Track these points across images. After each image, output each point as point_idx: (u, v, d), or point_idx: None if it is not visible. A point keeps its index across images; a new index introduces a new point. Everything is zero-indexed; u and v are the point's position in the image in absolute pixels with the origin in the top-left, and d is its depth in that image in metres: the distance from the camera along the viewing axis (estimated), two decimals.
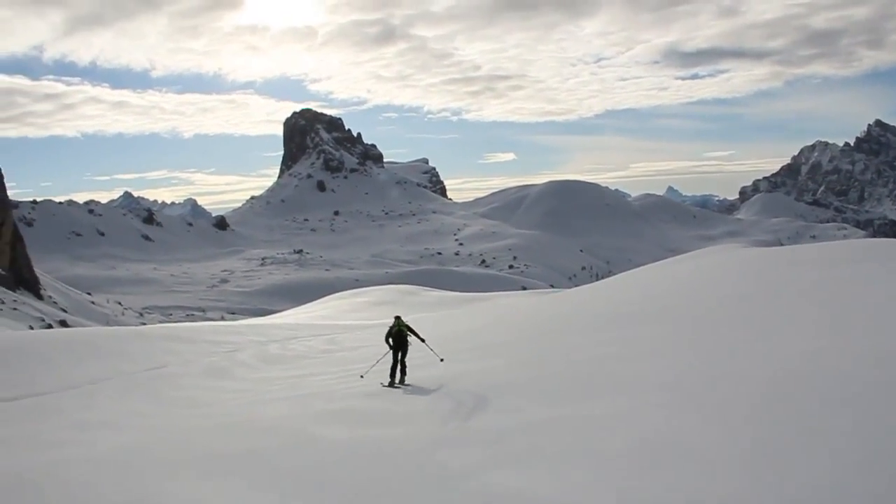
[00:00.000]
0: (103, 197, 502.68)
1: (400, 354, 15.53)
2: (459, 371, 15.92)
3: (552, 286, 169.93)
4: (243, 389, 20.39)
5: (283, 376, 22.69)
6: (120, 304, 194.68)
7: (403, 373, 15.51)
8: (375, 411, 12.89)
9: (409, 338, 15.71)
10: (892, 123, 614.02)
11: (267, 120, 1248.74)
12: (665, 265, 47.46)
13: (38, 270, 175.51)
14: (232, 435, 12.53)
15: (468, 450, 8.74)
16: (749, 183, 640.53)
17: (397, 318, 16.17)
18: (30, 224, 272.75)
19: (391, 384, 15.39)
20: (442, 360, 16.58)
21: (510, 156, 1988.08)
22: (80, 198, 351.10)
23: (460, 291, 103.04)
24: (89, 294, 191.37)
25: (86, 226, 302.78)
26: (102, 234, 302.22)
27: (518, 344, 20.68)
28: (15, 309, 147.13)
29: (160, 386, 22.05)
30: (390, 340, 15.66)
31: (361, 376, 17.32)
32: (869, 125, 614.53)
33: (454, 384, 14.14)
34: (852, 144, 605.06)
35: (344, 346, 32.25)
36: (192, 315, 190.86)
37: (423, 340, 16.07)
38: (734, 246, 50.92)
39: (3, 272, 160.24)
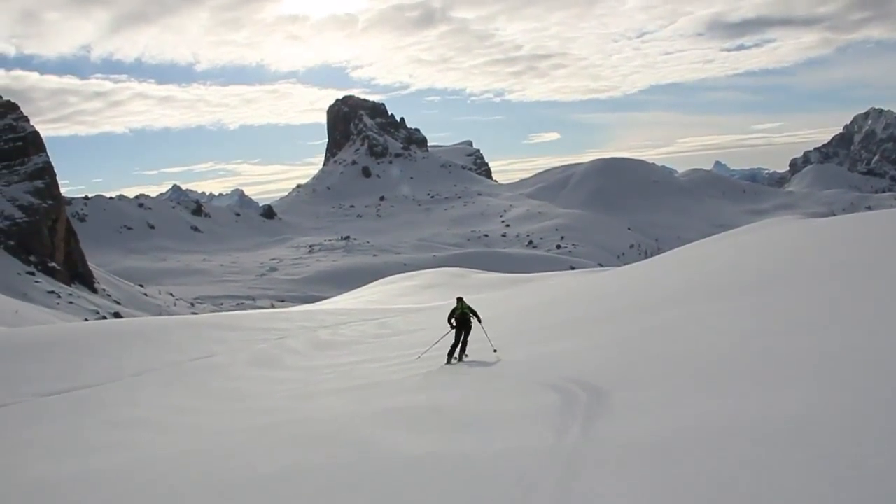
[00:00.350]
0: (152, 191, 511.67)
1: (463, 335, 15.61)
2: (539, 353, 14.09)
3: (601, 265, 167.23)
4: (293, 379, 19.10)
5: (334, 363, 21.41)
6: (171, 295, 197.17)
7: (463, 350, 15.62)
8: (452, 409, 9.84)
9: (471, 319, 15.72)
10: None
11: (310, 108, 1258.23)
12: (719, 239, 45.35)
13: (91, 265, 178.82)
14: (279, 442, 10.23)
15: (613, 473, 5.70)
16: (800, 154, 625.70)
17: (460, 299, 16.02)
18: (82, 220, 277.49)
19: (448, 362, 15.47)
20: (495, 350, 15.40)
21: (555, 135, 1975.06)
22: (131, 192, 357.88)
23: (508, 273, 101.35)
24: (141, 286, 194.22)
25: (136, 219, 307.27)
26: (153, 227, 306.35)
27: (595, 323, 17.48)
28: (71, 303, 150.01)
29: (207, 377, 21.14)
30: (453, 321, 15.70)
31: (419, 357, 17.58)
32: None
33: (541, 371, 11.44)
34: None
35: (398, 330, 30.95)
36: (242, 304, 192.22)
37: (483, 327, 16.26)
38: (789, 218, 48.28)
39: (59, 267, 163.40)
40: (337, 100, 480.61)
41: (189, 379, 20.72)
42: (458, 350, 15.52)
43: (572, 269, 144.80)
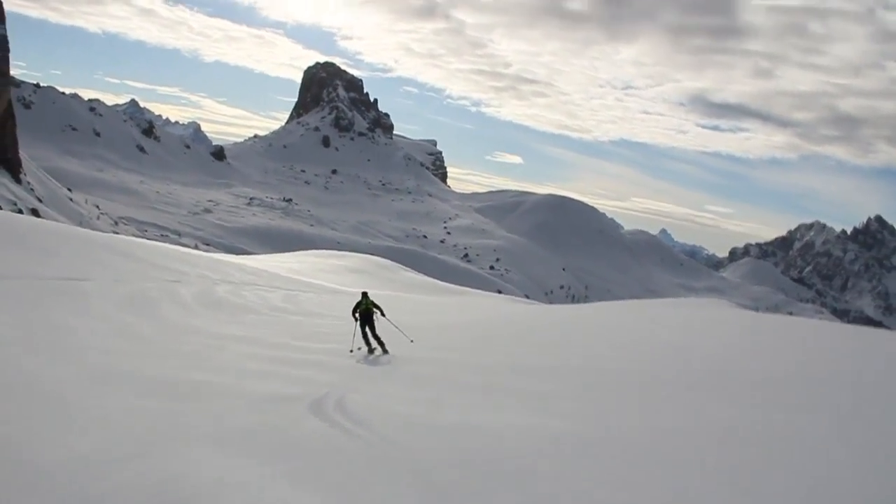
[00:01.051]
0: (110, 99, 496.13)
1: (368, 329, 16.03)
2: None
3: (527, 296, 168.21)
4: (146, 339, 15.76)
5: (208, 331, 18.28)
6: (98, 207, 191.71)
7: (383, 346, 15.89)
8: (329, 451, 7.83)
9: (375, 315, 16.17)
10: (891, 223, 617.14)
11: (289, 64, 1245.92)
12: (652, 306, 45.44)
13: (23, 154, 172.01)
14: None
15: None
16: (741, 245, 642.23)
17: (364, 293, 16.68)
18: (27, 106, 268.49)
19: (370, 350, 15.88)
20: (412, 340, 16.65)
21: (517, 159, 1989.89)
22: (87, 94, 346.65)
23: (437, 279, 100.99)
24: (69, 190, 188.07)
25: (84, 122, 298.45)
26: (98, 135, 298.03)
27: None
28: None
29: (52, 306, 17.50)
30: (356, 315, 16.13)
31: (351, 351, 16.17)
32: (869, 218, 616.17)
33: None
34: (849, 233, 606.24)
35: (303, 308, 28.49)
36: (167, 237, 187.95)
37: (389, 320, 16.85)
38: (724, 302, 48.69)
39: None
40: (317, 63, 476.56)
41: (31, 303, 17.27)
42: (371, 339, 16.05)
43: (500, 292, 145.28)
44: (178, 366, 12.79)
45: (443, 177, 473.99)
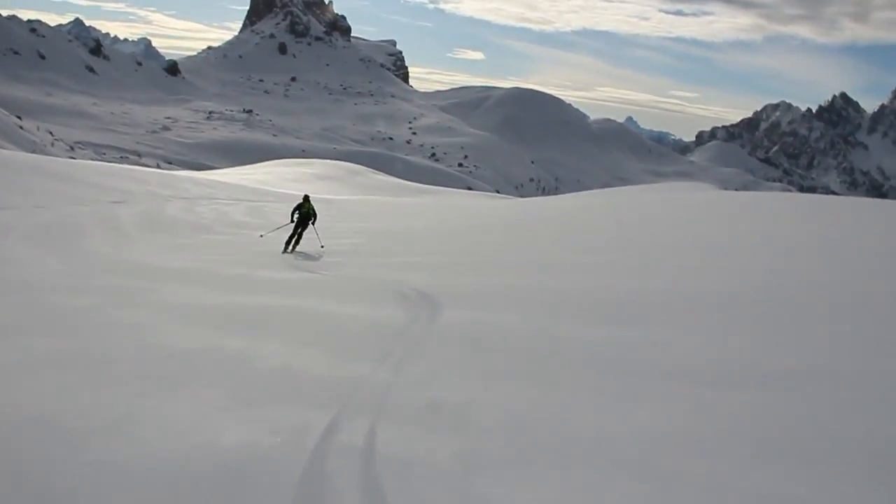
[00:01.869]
0: (52, 20, 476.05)
1: (301, 230, 16.93)
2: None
3: (497, 191, 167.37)
4: (34, 285, 11.83)
5: (130, 266, 14.22)
6: (51, 133, 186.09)
7: (297, 243, 16.82)
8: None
9: (311, 219, 17.06)
10: (855, 99, 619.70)
11: None
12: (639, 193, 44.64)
13: None
14: None
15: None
16: (708, 129, 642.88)
17: (306, 197, 17.54)
18: None
19: (285, 251, 16.55)
20: (322, 246, 17.18)
21: (479, 55, 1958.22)
22: (26, 16, 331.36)
23: (405, 180, 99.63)
24: (19, 118, 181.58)
25: (25, 45, 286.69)
26: (43, 58, 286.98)
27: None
28: None
29: None
30: (295, 216, 16.95)
31: (261, 236, 18.37)
32: (834, 96, 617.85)
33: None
34: (814, 111, 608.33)
35: (268, 221, 24.65)
36: (126, 158, 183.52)
37: (314, 226, 17.55)
38: (703, 185, 48.08)
39: None
40: None
41: None
42: (293, 242, 16.79)
43: (469, 188, 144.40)
44: (43, 336, 7.99)
45: (404, 77, 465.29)
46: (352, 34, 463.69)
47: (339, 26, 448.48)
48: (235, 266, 14.03)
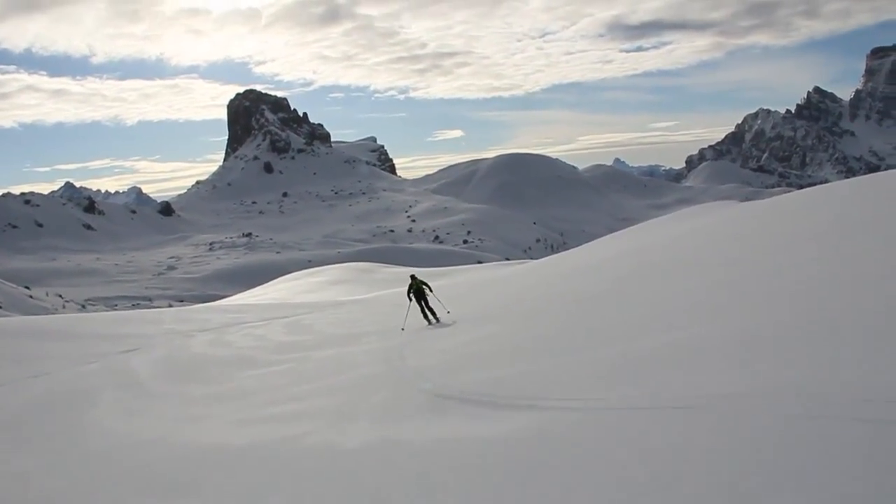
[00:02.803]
0: (44, 188, 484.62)
1: (423, 303, 18.57)
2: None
3: (507, 259, 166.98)
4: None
5: (181, 453, 9.04)
6: (60, 296, 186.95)
7: (434, 314, 18.55)
8: None
9: (425, 290, 18.77)
10: (829, 90, 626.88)
11: (212, 104, 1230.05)
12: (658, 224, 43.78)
13: None
14: None
15: None
16: (695, 152, 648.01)
17: (413, 276, 19.21)
18: None
19: (429, 323, 18.34)
20: (448, 311, 18.95)
21: (458, 132, 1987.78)
22: (19, 191, 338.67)
23: (417, 268, 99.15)
24: (27, 288, 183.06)
25: (22, 217, 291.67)
26: (41, 226, 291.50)
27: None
28: None
29: None
30: (411, 296, 18.74)
31: (402, 329, 18.26)
32: (808, 92, 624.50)
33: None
34: (793, 111, 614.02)
35: (322, 334, 20.82)
36: (138, 304, 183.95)
37: (435, 295, 19.29)
38: (727, 203, 47.21)
39: None
40: (238, 94, 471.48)
41: None
42: (428, 315, 18.48)
43: (479, 262, 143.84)
44: None
45: (391, 169, 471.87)
46: (332, 139, 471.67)
47: (318, 135, 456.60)
48: (334, 421, 8.68)
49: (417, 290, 18.67)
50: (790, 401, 4.82)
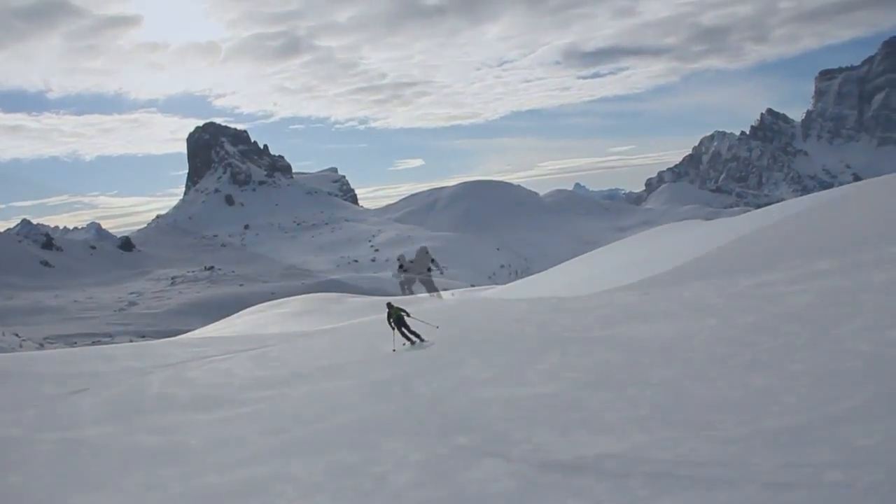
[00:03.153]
0: (0, 227, 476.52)
1: (405, 328, 19.13)
2: None
3: (473, 286, 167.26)
4: None
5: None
6: (17, 335, 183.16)
7: (417, 335, 19.06)
8: None
9: (404, 316, 19.33)
10: (781, 112, 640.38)
11: (172, 138, 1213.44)
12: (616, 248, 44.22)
13: None
14: None
15: None
16: (654, 175, 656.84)
17: (389, 304, 19.87)
18: None
19: (412, 343, 18.98)
20: (437, 327, 19.68)
21: (419, 161, 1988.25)
22: None
23: (383, 297, 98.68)
24: None
25: None
26: None
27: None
28: None
29: None
30: (391, 322, 19.21)
31: (394, 350, 18.70)
32: (762, 114, 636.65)
33: None
34: (748, 133, 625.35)
35: (294, 368, 18.94)
36: (99, 341, 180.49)
37: (413, 316, 19.79)
38: (692, 222, 47.86)
39: None
40: (197, 127, 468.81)
41: None
42: (411, 336, 19.03)
43: (446, 290, 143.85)
44: None
45: (353, 199, 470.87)
46: (293, 171, 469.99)
47: (279, 167, 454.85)
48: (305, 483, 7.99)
49: (398, 318, 19.20)
50: None
